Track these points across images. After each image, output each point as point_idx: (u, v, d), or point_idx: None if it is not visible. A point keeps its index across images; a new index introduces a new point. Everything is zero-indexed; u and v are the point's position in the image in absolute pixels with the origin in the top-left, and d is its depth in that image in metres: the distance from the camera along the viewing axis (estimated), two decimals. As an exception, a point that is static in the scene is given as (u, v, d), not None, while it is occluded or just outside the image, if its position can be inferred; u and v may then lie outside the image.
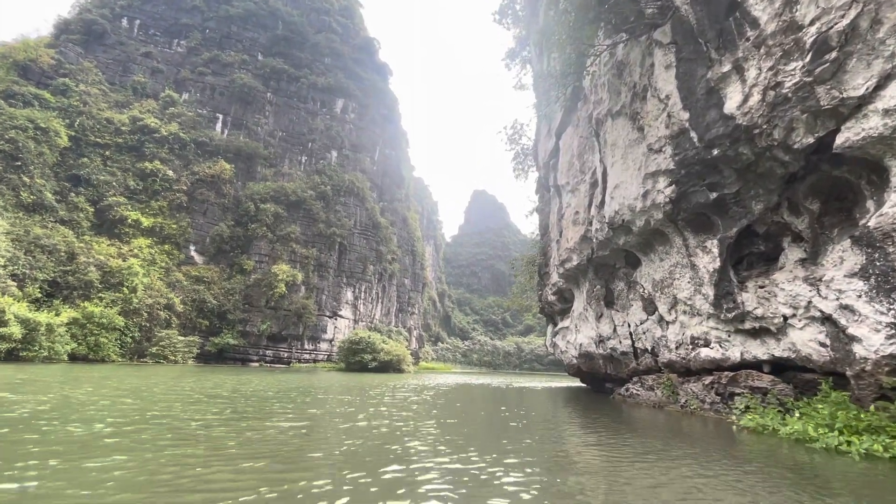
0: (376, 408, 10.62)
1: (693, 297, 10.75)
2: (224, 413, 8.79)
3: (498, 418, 9.92)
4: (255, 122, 71.99)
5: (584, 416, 11.43)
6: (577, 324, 18.57)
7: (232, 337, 55.40)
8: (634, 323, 14.02)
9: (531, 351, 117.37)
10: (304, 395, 13.69)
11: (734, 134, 8.06)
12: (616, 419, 10.86)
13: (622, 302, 14.59)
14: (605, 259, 14.71)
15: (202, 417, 8.15)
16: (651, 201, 10.60)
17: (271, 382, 19.96)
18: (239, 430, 7.01)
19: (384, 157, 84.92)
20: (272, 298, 58.95)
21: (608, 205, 12.57)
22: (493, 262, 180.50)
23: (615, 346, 15.32)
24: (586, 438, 7.96)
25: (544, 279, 23.16)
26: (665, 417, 11.12)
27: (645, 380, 14.10)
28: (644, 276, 12.92)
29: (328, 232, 67.14)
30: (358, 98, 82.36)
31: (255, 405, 10.46)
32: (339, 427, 7.64)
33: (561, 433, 8.47)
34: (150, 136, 59.67)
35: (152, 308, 47.74)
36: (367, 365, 46.22)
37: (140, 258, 51.36)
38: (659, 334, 12.85)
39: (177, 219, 58.45)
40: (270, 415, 8.89)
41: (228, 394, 13.07)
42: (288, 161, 72.65)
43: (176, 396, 11.41)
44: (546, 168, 20.31)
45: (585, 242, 15.14)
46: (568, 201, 16.59)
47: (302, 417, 8.73)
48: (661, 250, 11.66)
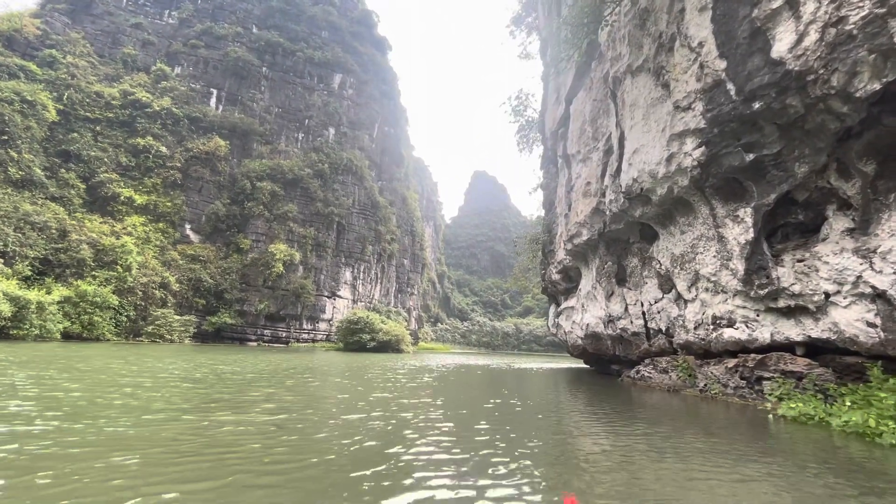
0: (373, 393, 9.73)
1: (718, 272, 9.79)
2: (193, 400, 7.84)
3: (506, 407, 9.07)
4: (251, 98, 69.97)
5: (593, 400, 10.61)
6: (584, 303, 17.68)
7: (229, 316, 54.86)
8: (648, 302, 13.11)
9: (530, 332, 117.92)
10: (293, 378, 12.86)
11: (782, 82, 6.97)
12: (628, 404, 10.04)
13: (635, 279, 13.66)
14: (617, 233, 13.70)
15: (163, 408, 6.99)
16: (676, 166, 9.53)
17: (263, 363, 19.19)
18: (196, 429, 5.58)
19: (383, 135, 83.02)
20: (270, 278, 58.24)
21: (625, 172, 11.50)
22: (493, 244, 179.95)
23: (626, 327, 14.46)
24: (597, 427, 7.08)
25: (548, 257, 22.21)
26: (683, 402, 10.31)
27: (658, 362, 13.28)
28: (661, 251, 11.94)
29: (326, 211, 65.96)
30: (356, 73, 80.00)
31: (235, 389, 9.58)
32: (327, 421, 6.56)
33: (569, 423, 7.61)
34: (141, 111, 57.94)
35: (147, 287, 46.98)
36: (366, 345, 45.72)
37: (134, 236, 50.36)
38: (675, 314, 11.96)
39: (171, 196, 57.20)
40: (246, 404, 7.67)
41: (210, 375, 12.22)
42: (284, 138, 70.92)
43: (149, 379, 10.49)
44: (554, 138, 19.11)
45: (597, 215, 14.10)
46: (578, 172, 15.47)
47: (281, 408, 7.50)
48: (683, 222, 10.65)
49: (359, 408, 7.76)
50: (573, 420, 7.78)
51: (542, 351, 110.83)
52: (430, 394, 10.34)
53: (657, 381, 12.91)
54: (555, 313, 25.61)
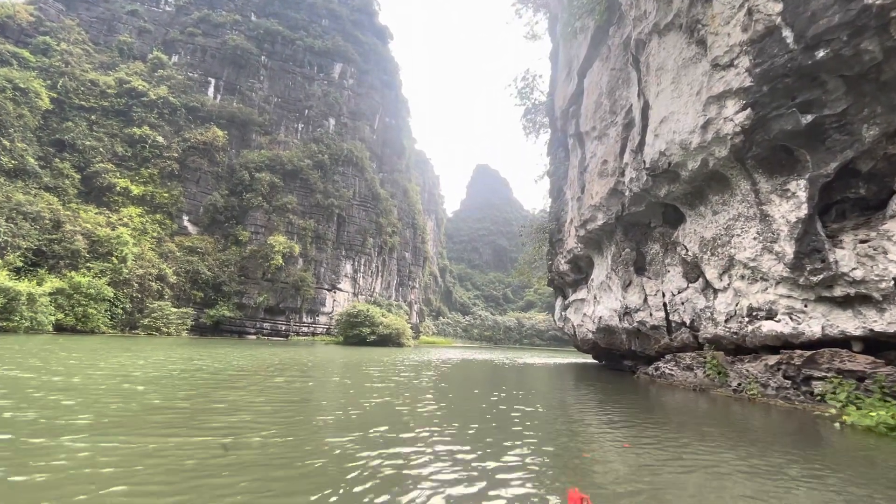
0: (366, 398, 8.53)
1: (759, 257, 8.60)
2: (152, 402, 6.67)
3: (514, 411, 7.94)
4: (249, 87, 68.63)
5: (607, 401, 9.47)
6: (596, 294, 16.48)
7: (228, 309, 53.92)
8: (670, 292, 11.94)
9: (532, 326, 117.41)
10: (283, 374, 11.76)
11: (858, 21, 5.77)
12: (650, 406, 8.90)
13: (656, 267, 12.47)
14: (637, 216, 12.49)
15: (60, 423, 5.23)
16: (713, 134, 8.32)
17: (249, 357, 18.12)
18: (128, 456, 4.10)
19: (384, 126, 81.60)
20: (269, 270, 57.26)
21: (649, 146, 10.28)
22: (495, 238, 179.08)
23: (644, 320, 13.27)
24: (619, 437, 5.91)
25: (556, 247, 21.01)
26: (714, 405, 9.17)
27: (681, 358, 12.11)
28: (688, 235, 10.74)
29: (326, 203, 64.79)
30: (357, 63, 78.46)
31: (209, 387, 8.46)
32: (308, 440, 5.03)
33: (586, 431, 6.45)
34: (137, 100, 56.69)
35: (143, 279, 46.04)
36: (366, 338, 44.71)
37: (130, 227, 49.34)
38: (702, 305, 10.79)
39: (168, 187, 56.07)
40: (209, 413, 6.21)
41: (181, 371, 11.11)
42: (284, 128, 69.63)
43: (92, 378, 9.24)
44: (564, 118, 17.83)
45: (615, 197, 12.89)
46: (593, 150, 14.22)
47: (259, 420, 5.83)
48: (717, 201, 9.45)
49: (350, 421, 6.54)
50: (590, 430, 6.64)
51: (544, 345, 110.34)
52: (433, 397, 9.22)
53: (680, 379, 11.76)
54: (562, 306, 24.46)
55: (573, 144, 16.84)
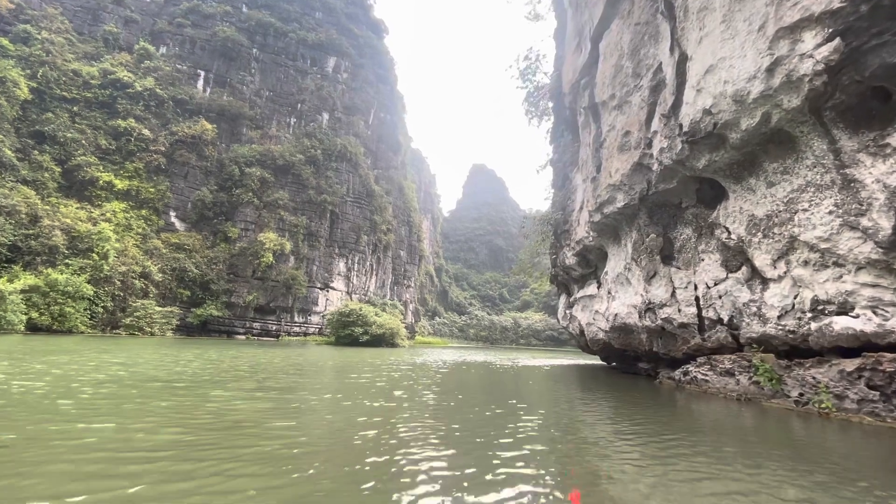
0: (346, 415, 6.73)
1: (835, 235, 6.93)
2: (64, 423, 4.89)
3: (530, 447, 6.21)
4: (240, 80, 66.67)
5: (634, 415, 7.78)
6: (611, 289, 14.73)
7: (216, 308, 51.97)
8: (704, 284, 10.24)
9: (528, 326, 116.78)
10: (254, 379, 9.99)
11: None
12: (685, 424, 7.19)
13: (687, 255, 10.76)
14: (666, 195, 10.77)
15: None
16: (783, 77, 6.61)
17: (228, 359, 16.31)
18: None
19: (379, 121, 79.77)
20: (259, 268, 55.37)
21: (689, 104, 8.58)
22: (491, 238, 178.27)
23: (671, 316, 11.54)
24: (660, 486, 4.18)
25: (562, 239, 19.32)
26: (768, 420, 7.50)
27: (717, 361, 10.40)
28: (731, 215, 9.04)
29: (319, 199, 62.93)
30: (351, 56, 76.61)
31: (157, 405, 6.70)
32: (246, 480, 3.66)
33: (614, 463, 4.72)
34: (122, 92, 54.64)
35: (126, 276, 44.04)
36: (359, 338, 42.86)
37: (113, 223, 47.31)
38: (745, 298, 9.13)
39: (154, 182, 54.05)
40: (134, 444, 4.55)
41: (132, 379, 9.32)
42: (276, 123, 67.70)
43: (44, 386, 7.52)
44: (574, 93, 16.04)
45: (639, 173, 11.16)
46: (611, 122, 12.46)
47: (202, 447, 4.41)
48: (775, 169, 7.75)
49: (315, 446, 4.77)
50: (618, 460, 4.92)
51: (540, 345, 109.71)
52: (430, 412, 7.50)
53: (717, 386, 10.06)
54: (566, 304, 22.76)
55: (584, 121, 15.07)
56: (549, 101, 23.24)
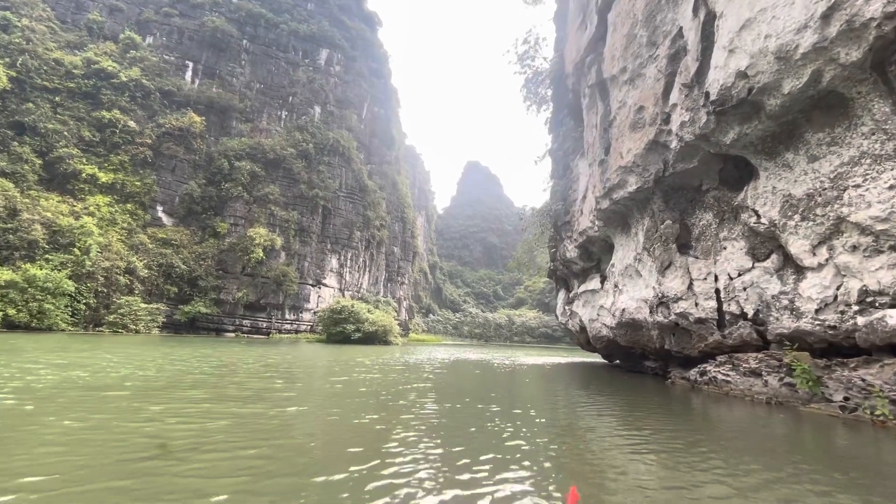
0: (327, 437, 5.62)
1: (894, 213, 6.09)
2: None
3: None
4: (230, 72, 65.13)
5: (652, 422, 6.98)
6: (618, 282, 13.90)
7: (204, 305, 50.71)
8: (726, 274, 9.41)
9: (522, 323, 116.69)
10: (216, 385, 9.04)
11: None
12: (722, 434, 6.39)
13: (706, 244, 9.93)
14: (685, 177, 9.90)
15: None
16: (843, 24, 5.65)
17: (202, 359, 15.31)
18: None
19: (372, 116, 78.53)
20: (249, 264, 54.13)
21: (719, 68, 7.67)
22: (486, 235, 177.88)
23: (686, 311, 10.74)
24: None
25: (562, 231, 18.50)
26: (806, 428, 6.72)
27: (740, 360, 9.60)
28: (762, 196, 8.17)
29: (310, 194, 61.74)
30: (344, 49, 75.27)
31: (68, 426, 5.72)
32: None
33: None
34: (107, 82, 52.99)
35: (110, 272, 42.65)
36: (350, 336, 41.87)
37: (97, 217, 45.85)
38: (775, 290, 8.33)
39: (141, 175, 52.53)
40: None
41: (68, 385, 8.34)
42: (266, 116, 66.31)
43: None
44: (578, 72, 15.15)
45: (654, 152, 10.29)
46: (622, 98, 11.61)
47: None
48: (820, 140, 6.88)
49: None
50: (638, 477, 4.10)
51: (534, 342, 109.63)
52: (427, 429, 6.64)
53: (741, 388, 9.24)
54: (565, 300, 21.97)
55: (590, 102, 14.18)
56: (549, 89, 22.40)
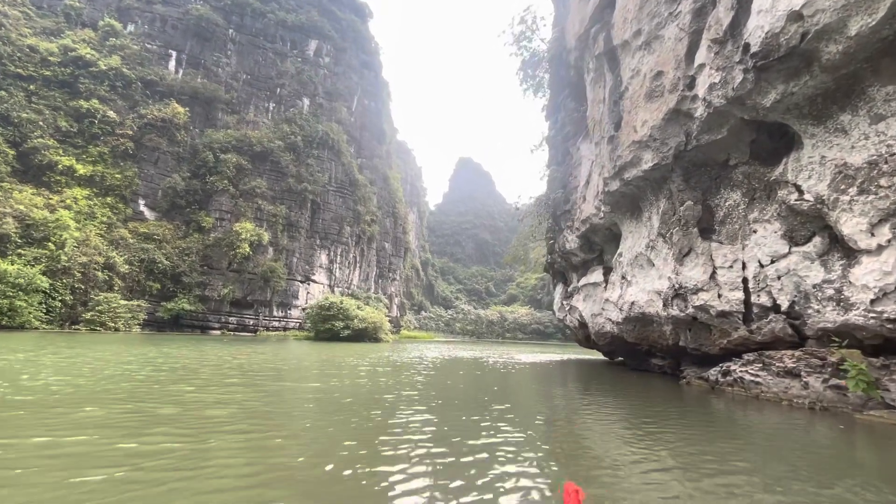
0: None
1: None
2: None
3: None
4: (215, 62, 63.15)
5: (675, 430, 5.97)
6: (626, 273, 12.82)
7: (188, 302, 49.03)
8: (756, 261, 8.35)
9: (514, 320, 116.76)
10: (170, 393, 7.86)
11: None
12: (765, 450, 5.38)
13: (732, 227, 8.87)
14: (710, 150, 8.78)
15: None
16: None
17: (164, 360, 14.05)
18: None
19: (363, 109, 76.96)
20: (235, 260, 52.54)
21: (764, 13, 6.45)
22: (478, 232, 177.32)
23: (708, 303, 9.69)
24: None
25: (561, 221, 17.47)
26: (870, 441, 5.73)
27: (773, 358, 8.52)
28: (807, 167, 7.09)
29: (299, 188, 60.19)
30: (333, 40, 73.57)
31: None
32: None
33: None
34: (85, 71, 50.92)
35: (87, 268, 40.92)
36: (339, 333, 40.60)
37: (74, 210, 43.99)
38: (818, 278, 7.32)
39: (121, 168, 50.60)
40: None
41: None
42: (253, 107, 64.52)
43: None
44: (582, 45, 13.98)
45: (674, 123, 9.18)
46: (636, 66, 10.49)
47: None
48: (888, 96, 5.73)
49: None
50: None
51: (526, 339, 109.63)
52: (418, 449, 5.55)
53: (774, 391, 8.16)
54: (563, 294, 20.97)
55: (595, 76, 13.03)
56: (546, 73, 21.32)
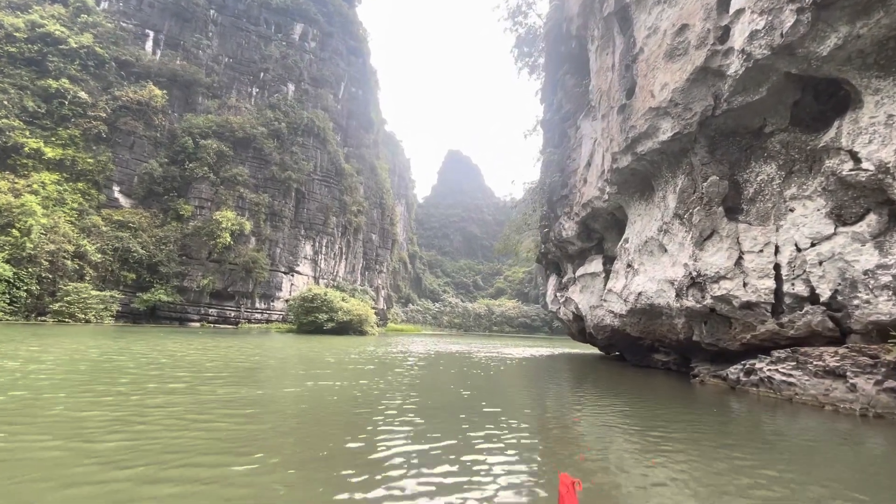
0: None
1: None
2: None
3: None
4: (195, 44, 60.59)
5: (696, 440, 5.00)
6: (633, 261, 11.73)
7: (165, 293, 47.11)
8: (793, 244, 7.33)
9: (502, 313, 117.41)
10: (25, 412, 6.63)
11: None
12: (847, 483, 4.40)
13: (765, 205, 7.81)
14: (742, 115, 7.64)
15: None
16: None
17: (115, 355, 12.72)
18: None
19: (350, 96, 74.96)
20: (215, 250, 50.66)
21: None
22: (466, 225, 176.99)
23: (731, 292, 8.66)
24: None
25: (558, 207, 16.42)
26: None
27: (810, 356, 7.50)
28: (867, 130, 6.13)
29: (283, 176, 58.30)
30: (320, 24, 71.32)
31: None
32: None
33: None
34: (55, 48, 48.18)
35: (56, 256, 38.82)
36: (323, 326, 39.26)
37: (41, 196, 41.68)
38: (870, 263, 6.35)
39: (94, 152, 48.16)
40: None
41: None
42: (236, 92, 62.22)
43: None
44: (585, 12, 12.71)
45: (701, 84, 8.09)
46: (653, 23, 9.26)
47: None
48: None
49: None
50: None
51: (513, 332, 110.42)
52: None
53: (811, 393, 7.10)
54: (557, 286, 20.00)
55: (603, 43, 11.84)
56: (542, 56, 20.16)
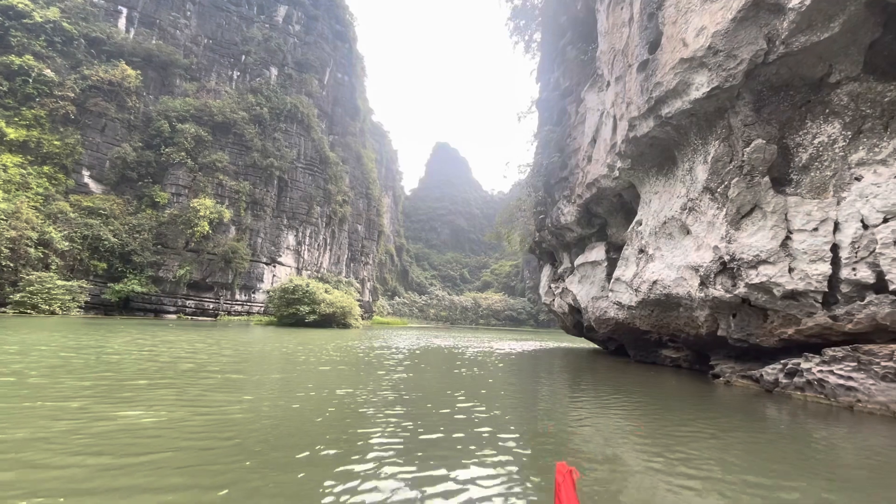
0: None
1: None
2: None
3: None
4: (173, 23, 57.76)
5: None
6: (646, 245, 10.47)
7: (139, 283, 44.95)
8: (859, 220, 6.28)
9: (488, 306, 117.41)
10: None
11: None
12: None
13: (822, 173, 6.47)
14: (802, 62, 6.47)
15: None
16: None
17: (48, 354, 11.19)
18: None
19: (336, 82, 72.69)
20: (192, 239, 48.57)
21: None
22: (453, 218, 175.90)
23: (773, 279, 7.42)
24: None
25: (556, 191, 15.24)
26: None
27: (876, 355, 6.37)
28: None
29: (265, 163, 56.16)
30: (304, 6, 68.84)
31: None
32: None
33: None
34: (17, 22, 45.23)
35: (17, 243, 36.42)
36: (305, 318, 37.69)
37: (2, 179, 39.13)
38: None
39: (61, 134, 45.54)
40: None
41: None
42: (216, 75, 59.65)
43: None
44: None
45: (752, 25, 6.70)
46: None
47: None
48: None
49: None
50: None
51: (500, 325, 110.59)
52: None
53: (879, 400, 6.18)
54: (551, 276, 18.89)
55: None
56: (538, 31, 18.88)
